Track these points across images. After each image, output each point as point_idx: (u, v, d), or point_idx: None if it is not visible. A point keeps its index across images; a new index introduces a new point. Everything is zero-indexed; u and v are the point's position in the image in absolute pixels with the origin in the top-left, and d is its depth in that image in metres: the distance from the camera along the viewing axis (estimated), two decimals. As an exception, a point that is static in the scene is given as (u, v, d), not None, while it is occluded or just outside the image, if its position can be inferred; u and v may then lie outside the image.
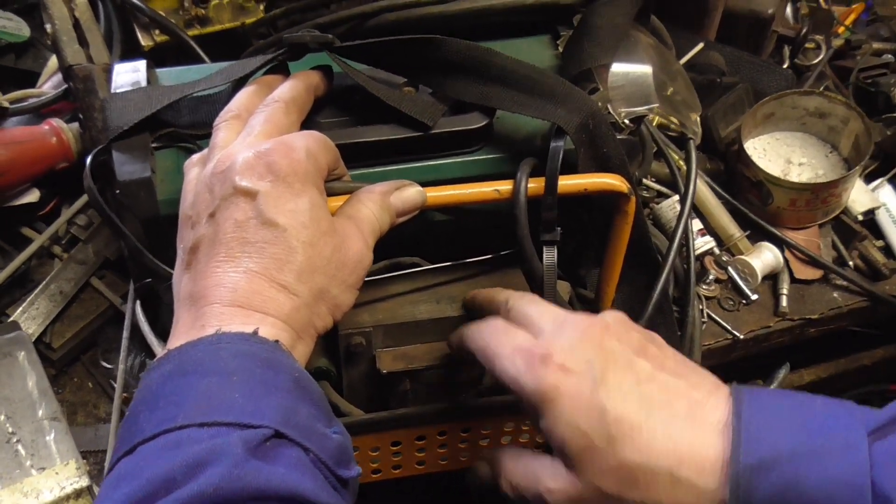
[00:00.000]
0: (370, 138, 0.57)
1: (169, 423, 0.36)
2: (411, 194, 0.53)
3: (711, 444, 0.40)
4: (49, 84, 0.83)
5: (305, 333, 0.45)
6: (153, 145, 0.58)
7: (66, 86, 0.80)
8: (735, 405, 0.41)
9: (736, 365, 0.87)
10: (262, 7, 0.85)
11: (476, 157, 0.59)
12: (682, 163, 0.85)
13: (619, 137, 0.59)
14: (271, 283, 0.43)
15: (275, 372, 0.40)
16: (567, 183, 0.56)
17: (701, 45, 0.91)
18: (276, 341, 0.42)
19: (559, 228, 0.57)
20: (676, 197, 0.84)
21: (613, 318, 0.47)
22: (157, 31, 0.81)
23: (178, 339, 0.42)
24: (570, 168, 0.58)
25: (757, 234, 0.86)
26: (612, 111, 0.60)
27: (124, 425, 0.39)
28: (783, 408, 0.41)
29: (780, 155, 0.90)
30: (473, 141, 0.59)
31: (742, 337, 0.81)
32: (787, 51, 1.02)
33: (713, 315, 0.82)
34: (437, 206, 0.55)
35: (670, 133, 0.90)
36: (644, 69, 0.59)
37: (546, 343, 0.46)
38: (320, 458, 0.38)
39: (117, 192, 0.55)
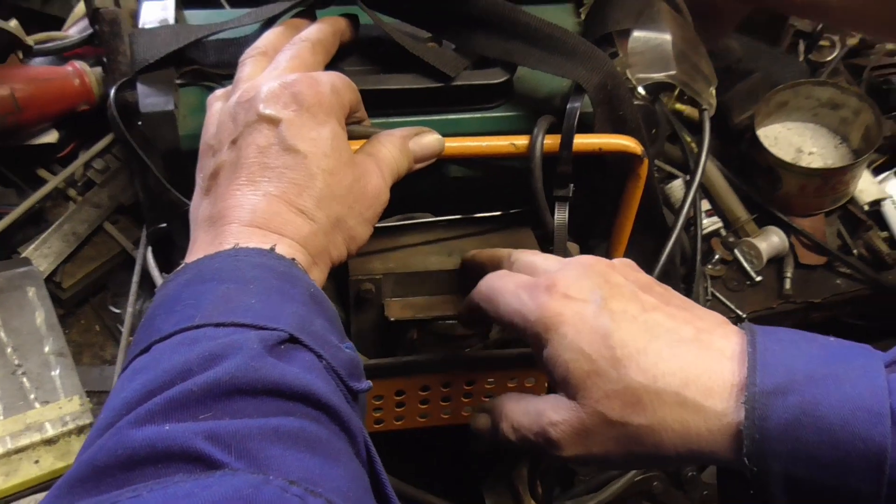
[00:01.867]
0: (392, 86, 0.57)
1: (186, 323, 0.37)
2: (430, 141, 0.54)
3: (720, 368, 0.41)
4: (74, 29, 0.83)
5: (320, 259, 0.46)
6: (178, 81, 0.58)
7: (90, 31, 0.80)
8: (749, 335, 0.41)
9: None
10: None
11: (495, 114, 0.60)
12: (694, 145, 0.86)
13: (635, 103, 0.60)
14: (290, 206, 0.44)
15: (291, 285, 0.40)
16: (582, 141, 0.57)
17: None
18: (293, 259, 0.43)
19: (572, 186, 0.57)
20: (687, 177, 0.85)
21: (619, 260, 0.48)
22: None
23: (195, 254, 0.43)
24: (586, 129, 0.58)
25: (764, 219, 0.87)
26: (630, 77, 0.61)
27: (140, 329, 0.40)
28: (798, 341, 0.41)
29: (792, 144, 0.91)
30: (493, 96, 0.60)
31: (745, 316, 0.81)
32: (802, 46, 1.03)
33: (718, 294, 0.83)
34: (454, 157, 0.56)
35: (684, 118, 0.92)
36: (664, 37, 0.60)
37: (550, 276, 0.46)
38: (333, 366, 0.38)
39: (139, 123, 0.56)
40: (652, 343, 0.42)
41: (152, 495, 0.30)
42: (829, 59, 1.02)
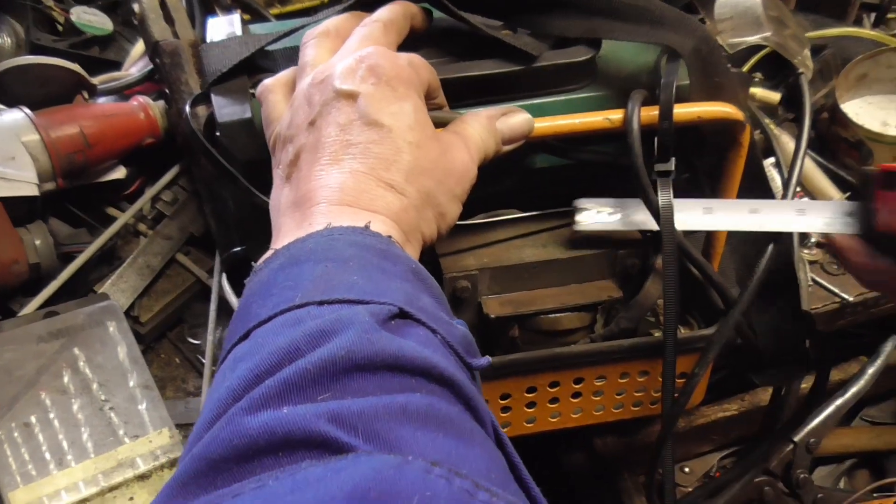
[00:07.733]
0: (472, 72, 0.55)
1: (286, 304, 0.34)
2: (518, 121, 0.51)
3: None
4: (133, 69, 0.84)
5: (413, 237, 0.43)
6: (251, 91, 0.57)
7: (149, 68, 0.81)
8: None
9: (840, 335, 0.82)
10: (339, -13, 0.86)
11: (580, 95, 0.57)
12: (773, 126, 0.81)
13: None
14: (378, 181, 0.41)
15: (391, 262, 0.37)
16: (681, 111, 0.53)
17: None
18: (389, 236, 0.40)
19: (674, 160, 0.54)
20: (770, 160, 0.80)
21: None
22: (238, 11, 0.82)
23: (283, 240, 0.40)
24: (680, 100, 0.55)
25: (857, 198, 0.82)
26: (721, 44, 0.57)
27: (234, 320, 0.37)
28: None
29: (875, 118, 0.86)
30: (578, 76, 0.57)
31: (851, 300, 0.76)
32: (867, 19, 0.99)
33: (818, 279, 0.77)
34: (544, 137, 0.53)
35: (755, 103, 0.88)
36: (752, -2, 0.56)
37: None
38: (448, 341, 0.35)
39: (217, 134, 0.54)
40: None
41: (279, 484, 0.26)
42: (898, 31, 0.98)
